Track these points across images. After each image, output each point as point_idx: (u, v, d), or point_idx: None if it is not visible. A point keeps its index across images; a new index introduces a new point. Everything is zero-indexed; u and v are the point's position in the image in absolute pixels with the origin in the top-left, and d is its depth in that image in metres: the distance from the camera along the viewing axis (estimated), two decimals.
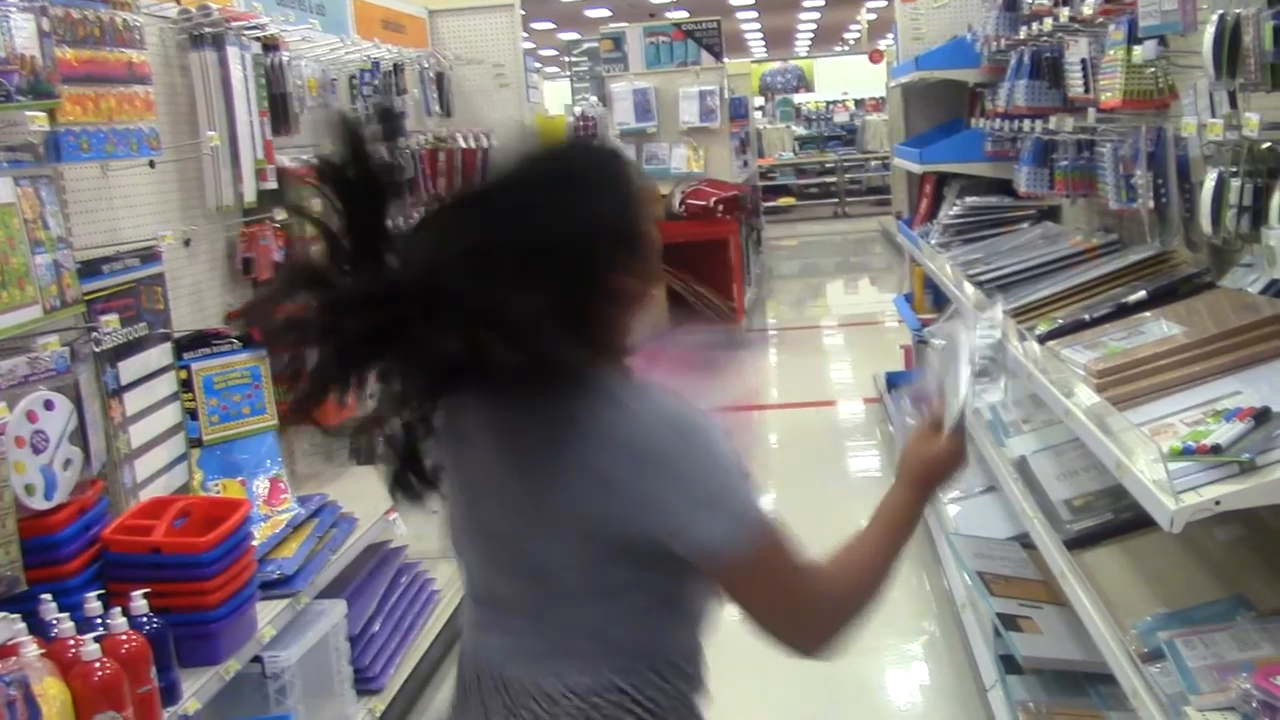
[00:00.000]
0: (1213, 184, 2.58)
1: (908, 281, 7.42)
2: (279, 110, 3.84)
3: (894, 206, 10.05)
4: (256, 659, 3.02)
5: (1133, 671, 2.30)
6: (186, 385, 3.32)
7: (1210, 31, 2.37)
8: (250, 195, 3.61)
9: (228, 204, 3.58)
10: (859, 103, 21.61)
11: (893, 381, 6.98)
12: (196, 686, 2.61)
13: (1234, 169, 2.52)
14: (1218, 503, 1.97)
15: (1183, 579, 2.54)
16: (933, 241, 5.58)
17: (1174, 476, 2.02)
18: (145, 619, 2.50)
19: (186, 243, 3.49)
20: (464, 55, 6.11)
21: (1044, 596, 3.54)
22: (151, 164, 3.18)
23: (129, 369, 3.04)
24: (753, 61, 23.90)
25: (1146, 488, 2.10)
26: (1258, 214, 2.43)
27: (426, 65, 5.54)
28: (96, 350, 2.89)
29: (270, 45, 3.80)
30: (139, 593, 2.52)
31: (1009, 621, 3.39)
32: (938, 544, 4.79)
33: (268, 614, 2.98)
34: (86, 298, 2.84)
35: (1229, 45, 2.33)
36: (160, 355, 3.21)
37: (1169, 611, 2.41)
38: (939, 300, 6.51)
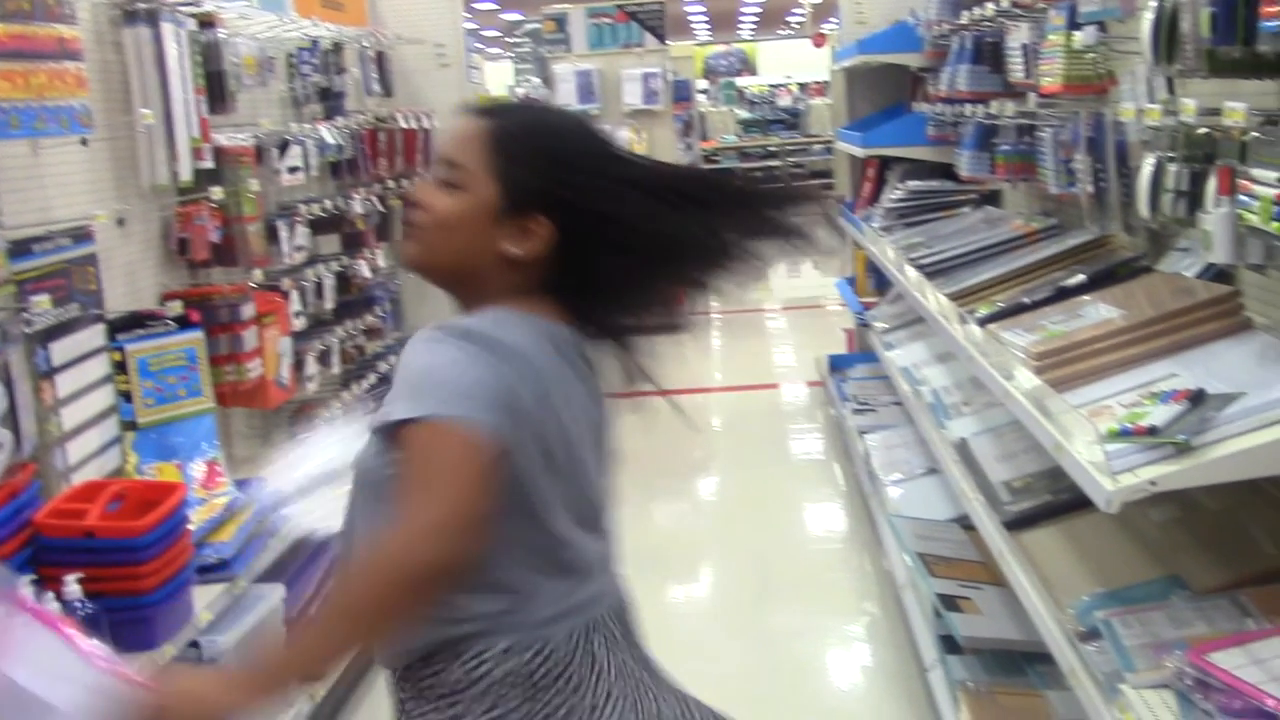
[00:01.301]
0: (1150, 169, 2.61)
1: (850, 265, 7.46)
2: (215, 88, 3.77)
3: (837, 190, 10.09)
4: (193, 644, 2.98)
5: (1070, 650, 2.32)
6: (121, 367, 3.26)
7: (1149, 17, 2.38)
8: (186, 174, 3.54)
9: (163, 183, 3.51)
10: (803, 86, 21.63)
11: (835, 364, 7.01)
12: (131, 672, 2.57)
13: (1171, 154, 2.54)
14: (1154, 484, 1.99)
15: (1119, 559, 2.57)
16: (875, 225, 5.61)
17: (1111, 458, 2.04)
18: (79, 604, 2.46)
19: (120, 222, 3.42)
20: (405, 35, 6.04)
21: (983, 577, 3.57)
22: (84, 142, 3.12)
23: (61, 350, 2.98)
24: (696, 44, 23.86)
25: (1084, 469, 2.12)
26: (1194, 199, 2.45)
27: (366, 44, 5.47)
28: (27, 331, 2.83)
29: (206, 22, 3.73)
30: (72, 577, 2.48)
31: (949, 602, 3.42)
32: (879, 525, 4.82)
33: (205, 598, 2.94)
34: (17, 278, 2.78)
35: (1167, 31, 2.35)
36: (93, 336, 3.15)
37: (1106, 591, 2.43)
38: (881, 283, 6.55)
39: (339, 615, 1.58)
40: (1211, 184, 2.31)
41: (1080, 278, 3.12)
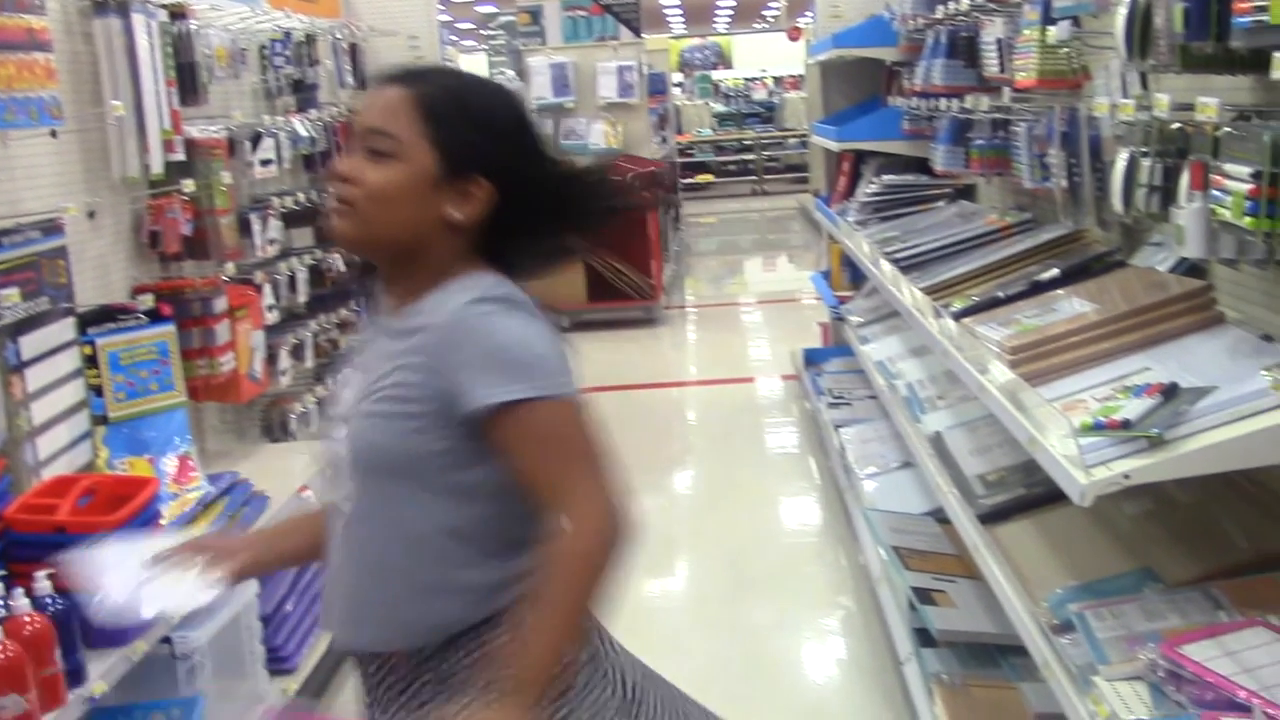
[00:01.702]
0: (1124, 164, 2.62)
1: (825, 259, 7.47)
2: (187, 80, 3.74)
3: (812, 184, 10.11)
4: (166, 640, 2.96)
5: (1044, 643, 2.33)
6: (91, 361, 3.24)
7: (1122, 13, 2.39)
8: (157, 167, 3.51)
9: (133, 175, 3.48)
10: (778, 80, 21.70)
11: (810, 358, 7.02)
12: (104, 668, 2.56)
13: (1145, 149, 2.55)
14: (1127, 477, 2.00)
15: (1093, 552, 2.58)
16: (850, 219, 5.62)
17: (1085, 451, 2.05)
18: (49, 600, 2.43)
19: (91, 215, 3.39)
20: (378, 27, 6.01)
21: (958, 570, 3.58)
22: (53, 133, 3.08)
23: (30, 344, 2.95)
24: (672, 37, 23.86)
25: (1058, 462, 2.13)
26: (1167, 194, 2.47)
27: (340, 36, 5.43)
28: None
29: (177, 13, 3.69)
30: (42, 573, 2.45)
31: (923, 595, 3.42)
32: (854, 519, 4.83)
33: None
34: None
35: (1141, 27, 2.36)
36: (63, 330, 3.12)
37: (1079, 584, 2.44)
38: (856, 277, 6.56)
39: (567, 609, 1.63)
40: (1184, 179, 2.33)
41: (1054, 272, 3.13)
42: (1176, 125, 2.44)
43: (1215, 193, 2.17)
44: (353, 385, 1.82)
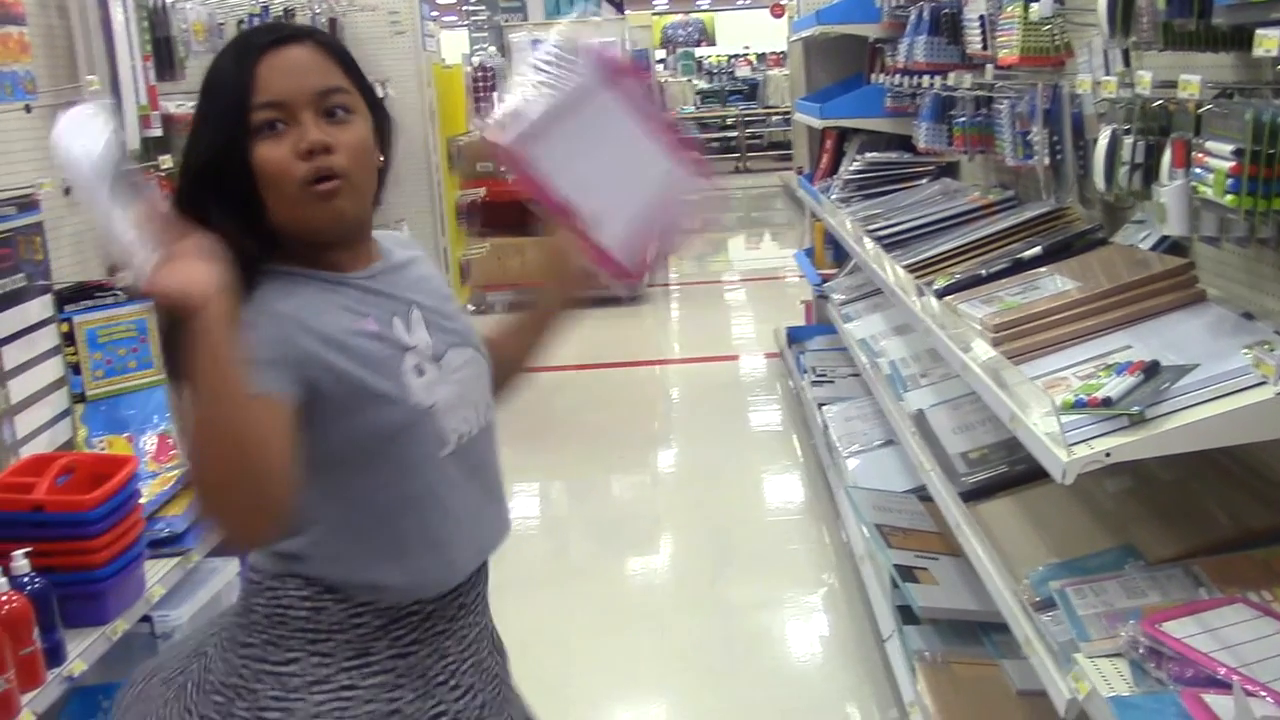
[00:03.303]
0: (1106, 141, 2.61)
1: (808, 237, 7.46)
2: (163, 55, 3.71)
3: (795, 162, 10.09)
4: (145, 618, 2.95)
5: (1025, 620, 2.34)
6: (69, 338, 3.21)
7: None
8: (134, 143, 3.49)
9: None
10: (760, 57, 21.63)
11: (794, 336, 7.02)
12: (83, 647, 2.55)
13: (1127, 127, 2.54)
14: (1108, 454, 2.00)
15: (1074, 530, 2.59)
16: (833, 197, 5.61)
17: (1066, 429, 2.05)
18: (27, 578, 2.42)
19: (67, 191, 3.35)
20: (358, 1, 5.96)
21: (940, 548, 3.59)
22: (28, 108, 3.05)
23: (7, 321, 2.93)
24: (654, 14, 23.76)
25: (1040, 440, 2.13)
26: (1149, 171, 2.46)
27: (319, 10, 5.40)
28: None
29: None
30: (20, 552, 2.44)
31: (906, 573, 3.43)
32: (837, 497, 4.84)
33: (157, 573, 2.91)
34: None
35: (1123, 4, 2.35)
36: (40, 307, 3.09)
37: (1060, 561, 2.45)
38: (839, 255, 6.56)
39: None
40: (1166, 157, 2.32)
41: (1037, 250, 3.13)
42: (1159, 103, 2.43)
43: (1197, 170, 2.16)
44: (413, 324, 1.72)
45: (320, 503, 1.61)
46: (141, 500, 2.90)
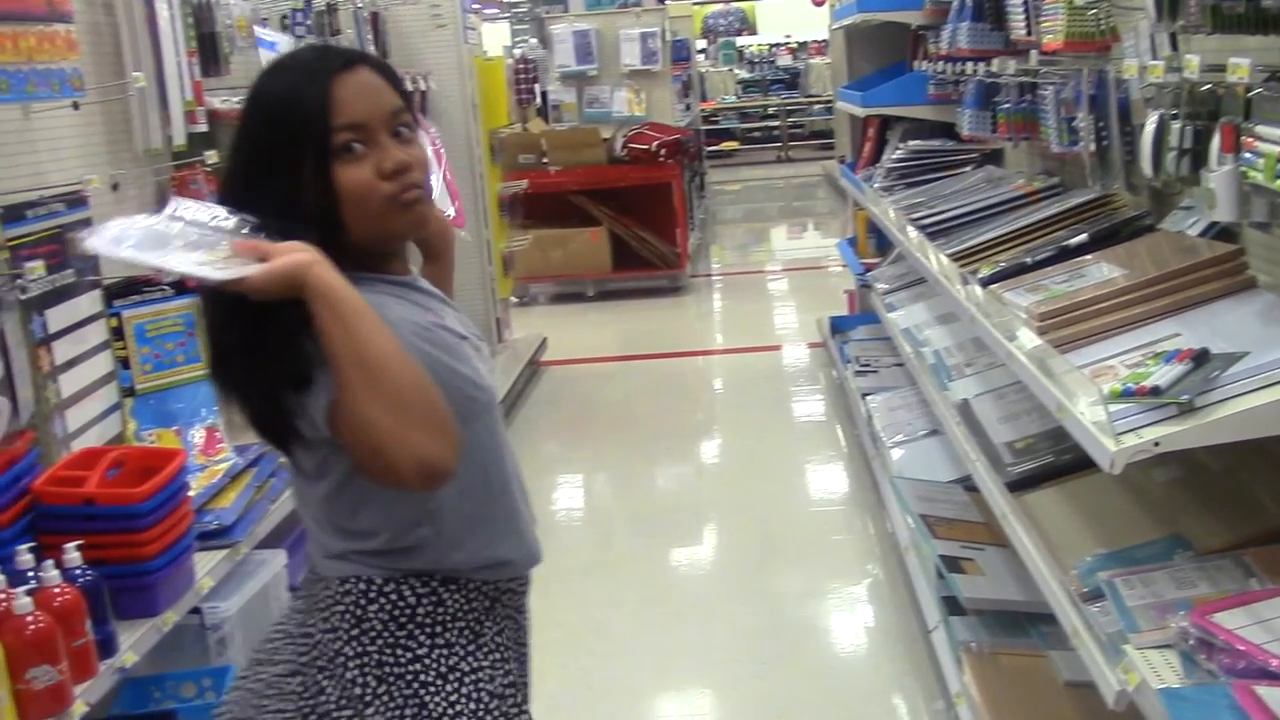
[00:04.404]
0: (1153, 127, 2.58)
1: (851, 226, 7.42)
2: (208, 50, 3.73)
3: (837, 150, 10.05)
4: (195, 610, 2.98)
5: (1073, 611, 2.32)
6: (118, 333, 3.25)
7: None
8: (180, 138, 3.51)
9: (156, 147, 3.48)
10: (802, 45, 21.48)
11: (837, 326, 6.99)
12: (134, 639, 2.57)
13: (1174, 111, 2.51)
14: (1157, 444, 1.98)
15: (1122, 520, 2.57)
16: (876, 185, 5.58)
17: (1114, 418, 2.03)
18: (79, 571, 2.45)
19: (115, 187, 3.40)
20: None
21: (986, 538, 3.57)
22: (75, 105, 3.08)
23: (57, 317, 2.96)
24: (695, 3, 23.61)
25: (1087, 430, 2.11)
26: (1197, 157, 2.43)
27: (361, 4, 5.42)
28: (22, 298, 2.81)
29: None
30: (72, 545, 2.47)
31: (951, 563, 3.41)
32: (881, 487, 4.82)
33: (206, 565, 2.94)
34: (10, 244, 2.76)
35: None
36: (90, 303, 3.13)
37: (1108, 552, 2.43)
38: (882, 244, 6.52)
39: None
40: (1215, 141, 2.29)
41: (1083, 237, 3.10)
42: (1207, 87, 2.40)
43: (1247, 155, 2.13)
44: (456, 318, 1.86)
45: (439, 491, 1.68)
46: (190, 493, 2.93)
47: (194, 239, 1.57)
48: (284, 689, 1.81)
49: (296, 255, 1.53)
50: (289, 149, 1.64)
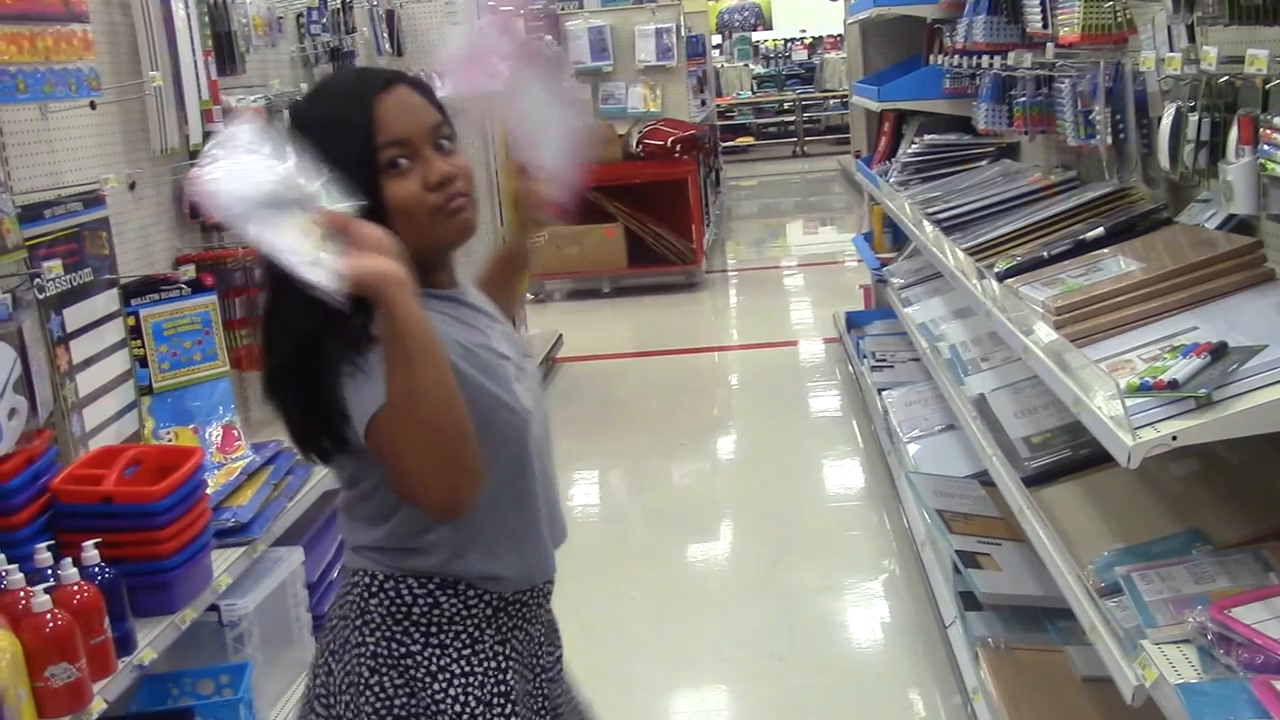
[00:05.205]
0: (1170, 119, 2.57)
1: (867, 220, 7.40)
2: (224, 50, 3.74)
3: (853, 145, 10.02)
4: (213, 607, 2.99)
5: (1090, 606, 2.31)
6: (135, 332, 3.26)
7: None
8: (196, 137, 3.53)
9: (173, 146, 3.50)
10: (817, 40, 21.43)
11: (853, 321, 6.98)
12: (152, 636, 2.59)
13: (1192, 104, 2.50)
14: (1174, 438, 1.97)
15: (1139, 514, 2.55)
16: (892, 180, 5.57)
17: (1131, 412, 2.02)
18: (97, 569, 2.46)
19: (132, 186, 3.41)
20: None
21: (1003, 533, 3.56)
22: (93, 105, 3.10)
23: (75, 316, 2.98)
24: None
25: (1104, 424, 2.10)
26: (1215, 149, 2.42)
27: (376, 2, 5.43)
28: (40, 297, 2.82)
29: None
30: (90, 543, 2.48)
31: (968, 559, 3.40)
32: (898, 482, 4.81)
33: (223, 562, 2.95)
34: (28, 243, 2.77)
35: None
36: (107, 301, 3.14)
37: (1126, 546, 2.42)
38: (898, 239, 6.50)
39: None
40: (1233, 134, 2.28)
41: (1099, 231, 3.09)
42: (1225, 79, 2.39)
43: (1265, 147, 2.12)
44: (500, 335, 1.87)
45: None
46: (208, 491, 2.94)
47: (294, 196, 1.54)
48: (315, 665, 1.90)
49: (382, 268, 1.51)
50: (337, 170, 1.62)
